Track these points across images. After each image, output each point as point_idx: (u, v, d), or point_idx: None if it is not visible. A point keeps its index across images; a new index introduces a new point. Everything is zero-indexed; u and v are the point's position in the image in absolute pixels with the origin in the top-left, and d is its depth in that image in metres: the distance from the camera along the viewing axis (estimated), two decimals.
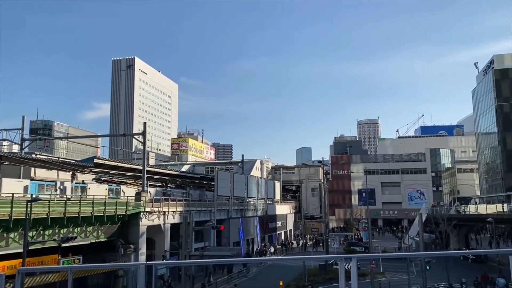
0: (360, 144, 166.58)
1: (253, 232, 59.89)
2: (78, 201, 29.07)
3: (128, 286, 32.00)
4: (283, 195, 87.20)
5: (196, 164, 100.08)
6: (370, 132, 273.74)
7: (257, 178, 69.61)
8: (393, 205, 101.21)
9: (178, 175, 56.24)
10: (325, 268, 41.16)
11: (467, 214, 58.31)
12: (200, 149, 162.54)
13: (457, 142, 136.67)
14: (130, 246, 33.69)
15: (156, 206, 37.27)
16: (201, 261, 11.91)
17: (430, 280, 32.89)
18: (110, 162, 41.16)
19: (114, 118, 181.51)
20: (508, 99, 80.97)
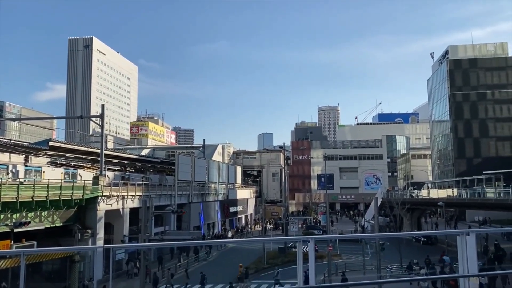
0: (320, 130, 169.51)
1: (214, 216, 60.07)
2: (32, 185, 28.02)
3: (85, 272, 31.38)
4: (244, 180, 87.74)
5: (156, 148, 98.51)
6: (330, 119, 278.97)
7: (219, 162, 69.55)
8: (351, 190, 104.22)
9: (138, 159, 55.26)
10: (284, 251, 42.04)
11: (420, 198, 60.97)
12: (160, 133, 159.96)
13: (412, 129, 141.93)
14: (88, 231, 32.98)
15: (115, 190, 36.55)
16: (160, 244, 11.93)
17: (384, 261, 34.36)
18: (66, 145, 39.83)
19: (71, 100, 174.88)
20: (461, 89, 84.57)
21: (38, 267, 31.41)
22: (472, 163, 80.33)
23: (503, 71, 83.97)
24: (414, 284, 29.05)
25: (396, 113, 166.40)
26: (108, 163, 45.73)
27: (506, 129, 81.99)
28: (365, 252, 39.18)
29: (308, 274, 5.30)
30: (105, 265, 31.70)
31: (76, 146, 42.22)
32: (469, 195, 48.20)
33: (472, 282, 6.57)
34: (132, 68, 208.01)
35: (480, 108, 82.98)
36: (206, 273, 31.41)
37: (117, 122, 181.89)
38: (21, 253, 4.24)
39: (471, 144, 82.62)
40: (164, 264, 38.13)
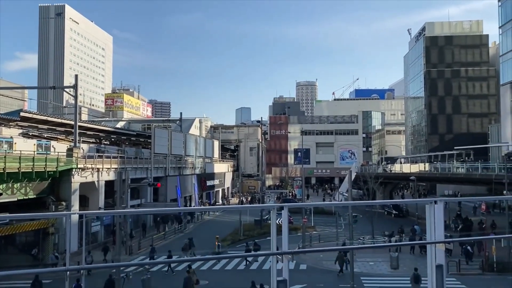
0: (298, 105, 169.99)
1: (190, 189, 60.17)
2: (3, 157, 27.32)
3: (60, 243, 31.18)
4: (222, 154, 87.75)
5: (132, 121, 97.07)
6: (308, 94, 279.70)
7: (196, 136, 69.16)
8: (326, 164, 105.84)
9: (113, 132, 54.35)
10: (260, 223, 42.70)
11: (393, 172, 62.54)
12: (136, 106, 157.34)
13: (387, 105, 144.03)
14: (62, 203, 32.59)
15: (90, 162, 36.04)
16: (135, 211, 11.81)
17: (356, 233, 35.41)
18: (38, 116, 38.74)
19: (43, 70, 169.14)
20: (436, 66, 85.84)
21: (11, 240, 31.05)
22: (444, 139, 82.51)
23: (477, 49, 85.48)
24: (386, 254, 30.16)
25: (373, 89, 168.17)
26: (82, 135, 44.87)
27: (478, 106, 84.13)
28: (339, 224, 40.25)
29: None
30: (80, 237, 31.61)
31: (49, 117, 41.10)
32: (440, 169, 49.72)
33: (439, 248, 6.86)
34: (107, 38, 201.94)
35: (454, 85, 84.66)
36: (182, 245, 31.71)
37: (92, 94, 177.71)
38: None
39: (444, 120, 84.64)
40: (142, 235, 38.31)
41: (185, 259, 30.81)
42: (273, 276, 5.48)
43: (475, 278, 27.25)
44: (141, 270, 25.99)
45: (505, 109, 49.19)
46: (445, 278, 6.70)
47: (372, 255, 32.10)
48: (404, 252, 31.16)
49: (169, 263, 26.74)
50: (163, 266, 28.47)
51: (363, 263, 30.16)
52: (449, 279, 22.60)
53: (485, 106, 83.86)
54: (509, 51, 45.99)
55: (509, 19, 45.95)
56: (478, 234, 38.20)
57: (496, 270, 28.25)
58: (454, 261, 28.10)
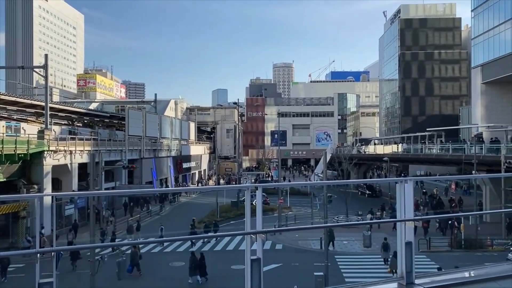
0: (274, 87, 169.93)
1: (166, 172, 59.78)
2: None
3: (32, 227, 30.59)
4: (198, 136, 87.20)
5: (105, 102, 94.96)
6: (285, 76, 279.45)
7: (171, 118, 68.39)
8: (302, 146, 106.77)
9: (86, 113, 53.17)
10: (237, 204, 42.97)
11: (366, 154, 63.67)
12: (109, 87, 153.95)
13: (362, 88, 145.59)
14: (34, 186, 31.88)
15: (62, 145, 35.24)
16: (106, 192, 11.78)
17: (331, 213, 36.06)
18: (7, 97, 37.49)
19: (10, 49, 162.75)
20: (410, 48, 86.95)
21: None
22: (417, 120, 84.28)
23: (450, 32, 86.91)
24: (360, 232, 30.91)
25: (348, 71, 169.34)
26: (54, 116, 43.69)
27: (450, 88, 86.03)
28: (314, 204, 40.89)
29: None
30: (53, 220, 31.06)
31: (19, 98, 39.83)
32: (412, 151, 50.86)
33: (408, 226, 7.06)
34: (78, 17, 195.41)
35: (427, 67, 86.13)
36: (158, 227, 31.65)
37: (63, 74, 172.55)
38: None
39: (417, 102, 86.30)
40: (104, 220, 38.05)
41: (161, 240, 30.77)
42: (247, 255, 5.52)
43: (444, 255, 28.29)
44: (117, 252, 25.86)
45: (475, 91, 50.42)
46: (414, 255, 6.91)
47: (346, 234, 32.84)
48: (375, 231, 31.97)
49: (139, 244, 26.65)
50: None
51: (337, 242, 30.83)
52: (419, 256, 23.40)
53: (457, 88, 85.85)
54: (480, 34, 46.93)
55: (481, 2, 46.74)
56: (448, 212, 39.59)
57: (464, 247, 29.40)
58: (425, 239, 29.09)
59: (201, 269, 22.17)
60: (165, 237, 29.83)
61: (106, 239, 29.80)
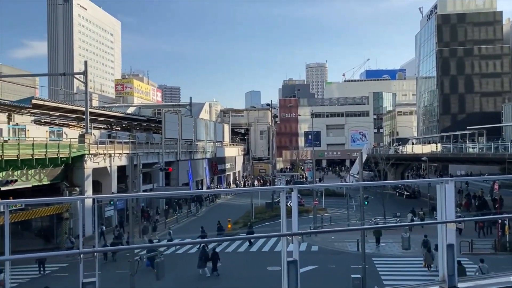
0: (308, 87, 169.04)
1: (202, 173, 60.55)
2: (17, 144, 27.72)
3: (75, 228, 31.75)
4: (232, 138, 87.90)
5: (142, 106, 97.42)
6: (318, 76, 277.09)
7: (206, 121, 69.27)
8: (337, 147, 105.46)
9: (124, 117, 54.66)
10: (271, 205, 42.95)
11: (404, 153, 62.13)
12: (146, 91, 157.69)
13: (399, 86, 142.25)
14: (75, 188, 33.08)
15: (102, 148, 36.40)
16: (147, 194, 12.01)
17: (367, 214, 35.43)
18: (50, 103, 39.09)
19: (52, 57, 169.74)
20: (448, 44, 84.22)
21: (28, 225, 31.68)
22: (456, 118, 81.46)
23: (490, 26, 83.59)
24: (398, 234, 30.18)
25: (384, 70, 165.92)
26: (93, 121, 45.20)
27: (491, 84, 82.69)
28: (350, 206, 40.28)
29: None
30: (94, 221, 32.12)
31: (60, 104, 41.45)
32: (452, 150, 49.22)
33: (450, 228, 6.83)
34: (115, 24, 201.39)
35: (466, 63, 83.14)
36: (195, 228, 32.06)
37: (102, 80, 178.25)
38: (5, 204, 4.25)
39: (456, 100, 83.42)
40: (152, 220, 38.85)
41: (197, 241, 31.11)
42: (283, 257, 5.51)
43: (488, 257, 27.16)
44: (155, 253, 26.40)
45: None
46: (456, 258, 6.68)
47: (383, 236, 32.13)
48: (415, 233, 31.11)
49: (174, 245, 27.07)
50: (173, 249, 28.84)
51: (374, 244, 30.23)
52: (461, 258, 22.59)
53: (499, 84, 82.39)
54: None
55: None
56: (493, 214, 38.01)
57: (509, 250, 28.12)
58: (467, 241, 28.04)
59: (213, 265, 22.96)
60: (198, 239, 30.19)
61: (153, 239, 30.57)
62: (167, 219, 40.43)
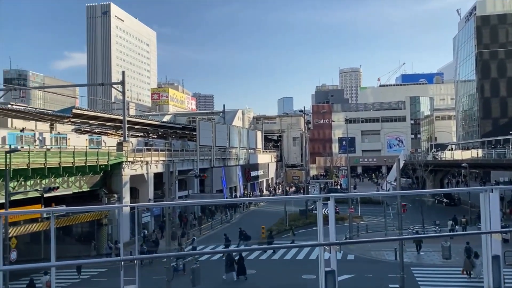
0: (341, 93, 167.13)
1: (235, 180, 60.90)
2: (59, 152, 28.81)
3: (113, 234, 32.58)
4: (265, 145, 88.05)
5: (177, 114, 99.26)
6: (352, 81, 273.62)
7: (239, 128, 69.77)
8: (372, 153, 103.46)
9: (160, 125, 55.89)
10: (305, 213, 42.55)
11: (443, 160, 60.15)
12: (181, 100, 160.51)
13: (436, 90, 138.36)
14: (114, 195, 33.96)
15: (139, 156, 37.27)
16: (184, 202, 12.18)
17: (405, 222, 34.44)
18: (89, 112, 40.50)
19: (91, 68, 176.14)
20: (488, 46, 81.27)
21: (69, 230, 32.79)
22: (498, 123, 78.20)
23: None
24: (437, 243, 29.16)
25: (420, 74, 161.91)
26: (131, 129, 46.44)
27: None
28: (387, 214, 39.33)
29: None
30: (131, 228, 32.83)
31: (99, 113, 42.86)
32: (494, 155, 47.27)
33: (495, 239, 6.53)
34: (151, 34, 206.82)
35: (508, 66, 79.86)
36: (229, 235, 32.17)
37: (138, 89, 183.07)
38: (51, 212, 4.44)
39: (498, 104, 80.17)
40: (190, 224, 39.37)
41: (241, 249, 31.19)
42: (321, 266, 5.43)
43: None
44: (190, 259, 26.68)
45: None
46: (502, 269, 6.39)
47: (422, 244, 31.14)
48: (456, 241, 29.98)
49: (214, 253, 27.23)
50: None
51: (413, 252, 29.35)
52: (507, 269, 21.56)
53: None
54: None
55: None
56: None
57: None
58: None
59: (239, 268, 23.06)
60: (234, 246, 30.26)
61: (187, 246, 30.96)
62: (202, 225, 40.82)
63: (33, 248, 28.27)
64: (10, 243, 21.09)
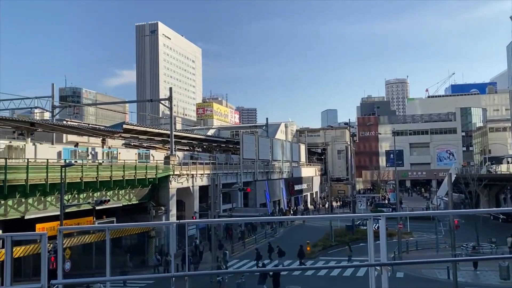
0: (388, 104, 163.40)
1: (279, 194, 60.62)
2: (110, 166, 29.94)
3: (161, 246, 33.26)
4: (309, 158, 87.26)
5: (221, 128, 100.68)
6: (399, 92, 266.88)
7: (282, 141, 69.67)
8: (422, 166, 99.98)
9: (205, 139, 56.86)
10: (352, 228, 41.54)
11: (498, 173, 57.07)
12: (224, 113, 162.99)
13: (489, 100, 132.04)
14: (161, 207, 34.76)
15: (185, 169, 38.02)
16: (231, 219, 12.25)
17: (458, 239, 32.78)
18: (138, 127, 41.89)
19: (140, 84, 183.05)
20: None
21: (118, 242, 33.78)
22: None
23: None
24: (494, 262, 27.51)
25: (471, 84, 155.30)
26: (177, 143, 47.52)
27: None
28: (438, 230, 37.65)
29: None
30: (178, 240, 33.32)
31: (148, 128, 44.25)
32: None
33: None
34: (196, 51, 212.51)
35: None
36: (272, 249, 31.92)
37: (184, 104, 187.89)
38: (106, 228, 4.58)
39: None
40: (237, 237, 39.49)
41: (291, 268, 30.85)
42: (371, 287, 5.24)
43: None
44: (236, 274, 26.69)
45: None
46: None
47: (478, 262, 29.47)
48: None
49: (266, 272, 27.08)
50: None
51: (467, 272, 27.83)
52: None
53: None
54: None
55: None
56: None
57: None
58: None
59: (274, 283, 23.02)
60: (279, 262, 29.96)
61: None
62: (245, 239, 40.79)
63: (85, 259, 29.34)
64: (64, 254, 22.03)
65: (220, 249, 32.97)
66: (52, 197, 26.16)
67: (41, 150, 29.34)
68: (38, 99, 40.72)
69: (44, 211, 25.74)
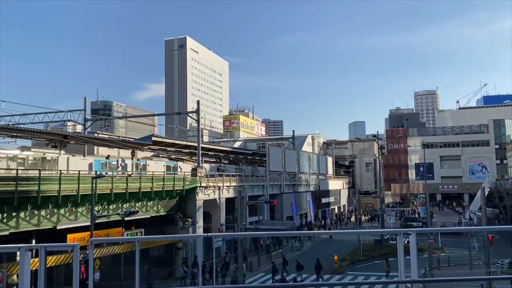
0: (417, 116, 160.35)
1: (306, 207, 60.08)
2: (139, 178, 30.48)
3: (188, 257, 33.43)
4: (336, 171, 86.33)
5: (247, 140, 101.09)
6: (428, 104, 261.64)
7: (309, 153, 69.25)
8: (453, 180, 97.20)
9: (231, 151, 57.17)
10: (380, 243, 40.66)
11: None
12: (251, 126, 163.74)
13: None
14: (188, 219, 35.02)
15: (212, 181, 38.28)
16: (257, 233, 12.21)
17: (493, 256, 31.55)
18: (167, 140, 42.56)
19: (169, 97, 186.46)
20: None
21: (146, 253, 34.16)
22: None
23: None
24: None
25: (505, 95, 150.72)
26: (204, 155, 47.97)
27: None
28: (471, 246, 36.37)
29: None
30: (205, 251, 33.45)
31: (176, 141, 44.89)
32: None
33: None
34: (223, 64, 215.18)
35: None
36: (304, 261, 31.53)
37: (211, 117, 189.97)
38: (136, 240, 4.68)
39: None
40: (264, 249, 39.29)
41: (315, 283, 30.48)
42: None
43: None
44: None
45: None
46: None
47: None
48: None
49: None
50: None
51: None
52: None
53: None
54: None
55: None
56: None
57: None
58: None
59: None
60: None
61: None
62: (270, 253, 40.48)
63: (114, 269, 29.80)
64: (94, 264, 22.45)
65: (244, 261, 32.83)
66: (83, 208, 26.80)
67: (73, 162, 30.16)
68: (70, 112, 42.01)
69: (75, 222, 26.37)
